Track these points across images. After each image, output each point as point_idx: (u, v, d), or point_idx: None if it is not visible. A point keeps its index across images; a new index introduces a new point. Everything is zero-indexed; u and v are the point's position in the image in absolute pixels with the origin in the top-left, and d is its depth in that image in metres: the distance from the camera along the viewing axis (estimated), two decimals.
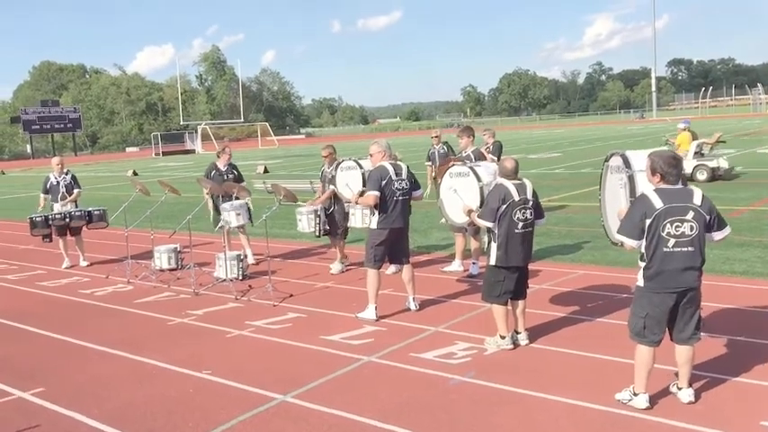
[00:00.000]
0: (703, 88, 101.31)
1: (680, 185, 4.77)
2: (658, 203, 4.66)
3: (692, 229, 4.66)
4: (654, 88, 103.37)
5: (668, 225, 4.64)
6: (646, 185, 4.98)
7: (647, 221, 4.68)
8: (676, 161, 4.78)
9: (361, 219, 8.44)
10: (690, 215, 4.66)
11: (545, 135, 58.20)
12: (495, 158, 10.28)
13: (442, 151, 13.16)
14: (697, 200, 4.70)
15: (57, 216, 11.02)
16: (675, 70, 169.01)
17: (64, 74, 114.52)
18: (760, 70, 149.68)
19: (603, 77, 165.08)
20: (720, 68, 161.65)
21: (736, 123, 55.66)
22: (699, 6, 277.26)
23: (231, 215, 9.36)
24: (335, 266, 9.77)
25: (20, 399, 5.70)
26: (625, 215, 4.97)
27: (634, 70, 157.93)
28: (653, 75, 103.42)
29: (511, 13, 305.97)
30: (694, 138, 17.50)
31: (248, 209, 9.64)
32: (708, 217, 4.71)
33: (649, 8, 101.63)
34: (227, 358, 6.43)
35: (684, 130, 17.81)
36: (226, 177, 10.40)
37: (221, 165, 10.57)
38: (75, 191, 11.48)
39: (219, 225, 9.61)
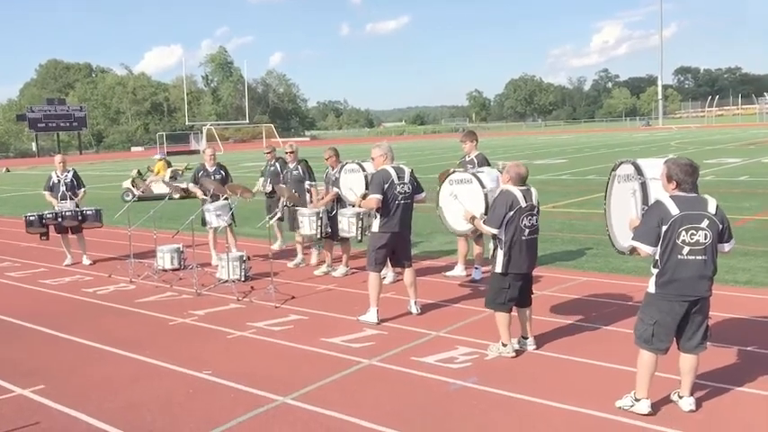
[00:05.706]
0: (710, 97, 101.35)
1: (694, 194, 4.76)
2: (674, 210, 4.64)
3: (706, 237, 4.65)
4: (660, 96, 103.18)
5: (683, 233, 4.63)
6: (659, 193, 4.94)
7: (664, 228, 4.66)
8: (692, 169, 4.75)
9: (348, 226, 8.54)
10: (704, 223, 4.65)
11: (550, 141, 58.14)
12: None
13: (272, 169, 10.98)
14: (711, 208, 4.69)
15: (48, 216, 11.04)
16: (682, 78, 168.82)
17: (70, 73, 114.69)
18: (767, 79, 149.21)
19: (610, 84, 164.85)
20: (727, 77, 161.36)
21: (742, 132, 55.58)
22: (706, 15, 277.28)
23: (212, 216, 9.96)
24: (340, 270, 9.74)
25: (20, 396, 5.70)
26: (640, 221, 4.94)
27: (640, 78, 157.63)
28: (659, 83, 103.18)
29: (518, 19, 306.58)
30: (168, 165, 24.39)
31: (230, 208, 9.96)
32: (720, 226, 4.71)
33: (657, 16, 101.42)
34: (228, 359, 6.43)
35: (160, 160, 24.76)
36: (213, 178, 10.55)
37: (209, 166, 10.82)
38: (81, 190, 11.49)
39: (209, 225, 10.29)
